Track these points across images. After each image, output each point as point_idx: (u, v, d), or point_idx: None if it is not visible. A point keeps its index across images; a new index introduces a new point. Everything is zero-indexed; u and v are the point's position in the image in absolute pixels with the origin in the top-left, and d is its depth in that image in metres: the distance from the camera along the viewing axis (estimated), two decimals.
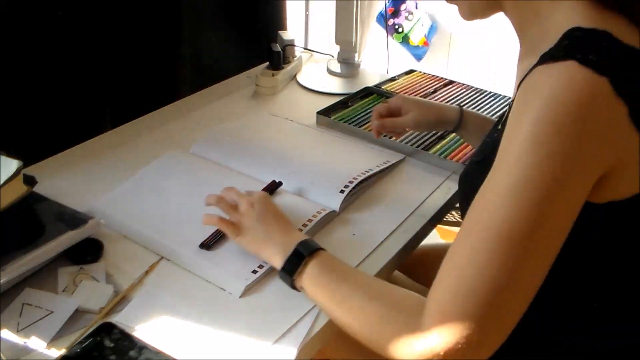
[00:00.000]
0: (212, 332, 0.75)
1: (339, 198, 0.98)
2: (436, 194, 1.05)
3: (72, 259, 0.84)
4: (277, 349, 0.73)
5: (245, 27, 1.61)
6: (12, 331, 0.73)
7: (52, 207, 0.88)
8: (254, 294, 0.81)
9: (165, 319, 0.76)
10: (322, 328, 0.77)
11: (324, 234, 0.93)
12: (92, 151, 1.12)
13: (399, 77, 1.52)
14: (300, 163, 1.07)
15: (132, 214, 0.94)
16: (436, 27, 2.53)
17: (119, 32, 1.25)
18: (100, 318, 0.76)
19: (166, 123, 1.24)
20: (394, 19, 2.51)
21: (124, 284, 0.81)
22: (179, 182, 1.02)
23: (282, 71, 1.43)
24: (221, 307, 0.79)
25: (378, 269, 0.87)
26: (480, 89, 1.46)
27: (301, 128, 1.25)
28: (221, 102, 1.36)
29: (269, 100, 1.39)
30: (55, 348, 0.71)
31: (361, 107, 1.34)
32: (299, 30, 2.01)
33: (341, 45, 1.50)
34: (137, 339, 0.72)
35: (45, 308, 0.76)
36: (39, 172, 0.90)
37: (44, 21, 1.10)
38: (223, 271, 0.83)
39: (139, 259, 0.86)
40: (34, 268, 0.80)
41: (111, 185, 1.01)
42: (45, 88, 1.14)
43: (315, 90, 1.44)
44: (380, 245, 0.92)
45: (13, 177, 0.78)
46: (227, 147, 1.12)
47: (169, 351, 0.71)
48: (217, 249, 0.87)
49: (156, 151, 1.10)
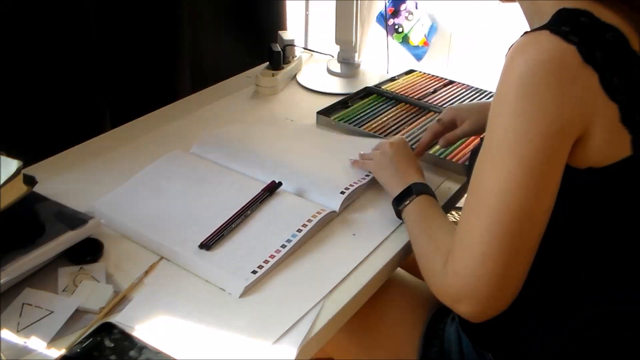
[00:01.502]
0: (212, 332, 0.75)
1: (339, 198, 0.98)
2: (436, 193, 1.05)
3: (72, 259, 0.84)
4: (277, 349, 0.73)
5: (245, 27, 1.61)
6: (12, 331, 0.73)
7: (52, 207, 0.88)
8: (254, 294, 0.81)
9: (165, 319, 0.76)
10: (322, 328, 0.77)
11: (324, 234, 0.93)
12: (92, 151, 1.12)
13: (398, 77, 1.52)
14: (300, 163, 1.07)
15: (132, 214, 0.94)
16: (436, 27, 2.53)
17: (119, 32, 1.26)
18: (100, 318, 0.76)
19: (166, 123, 1.24)
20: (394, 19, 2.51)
21: (124, 284, 0.81)
22: (179, 182, 1.02)
23: (282, 71, 1.43)
24: (221, 307, 0.79)
25: (378, 269, 0.87)
26: (480, 89, 1.46)
27: (301, 128, 1.25)
28: (221, 102, 1.36)
29: (269, 100, 1.39)
30: (55, 348, 0.71)
31: (361, 107, 1.34)
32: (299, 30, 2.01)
33: (341, 45, 1.50)
34: (137, 339, 0.72)
35: (45, 308, 0.76)
36: (39, 172, 0.90)
37: (44, 21, 1.10)
38: (223, 271, 0.84)
39: (139, 259, 0.86)
40: (34, 268, 0.80)
41: (111, 185, 1.01)
42: (45, 88, 1.14)
43: (315, 90, 1.44)
44: (380, 245, 0.92)
45: (13, 177, 0.78)
46: (227, 147, 1.12)
47: (169, 351, 0.71)
48: (217, 249, 0.87)
49: (156, 151, 1.10)
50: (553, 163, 0.68)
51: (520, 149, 0.67)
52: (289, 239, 0.89)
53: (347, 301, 0.81)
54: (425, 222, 0.86)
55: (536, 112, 0.66)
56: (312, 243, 0.91)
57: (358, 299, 0.84)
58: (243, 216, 0.93)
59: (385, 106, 1.35)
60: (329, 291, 0.82)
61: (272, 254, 0.86)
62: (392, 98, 1.39)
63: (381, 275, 0.88)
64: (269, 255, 0.86)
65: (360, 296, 0.84)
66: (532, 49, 0.67)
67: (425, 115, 1.32)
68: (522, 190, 0.67)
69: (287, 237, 0.89)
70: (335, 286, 0.83)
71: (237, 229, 0.91)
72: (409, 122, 1.29)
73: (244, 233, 0.91)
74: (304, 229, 0.90)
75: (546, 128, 0.66)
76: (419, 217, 0.88)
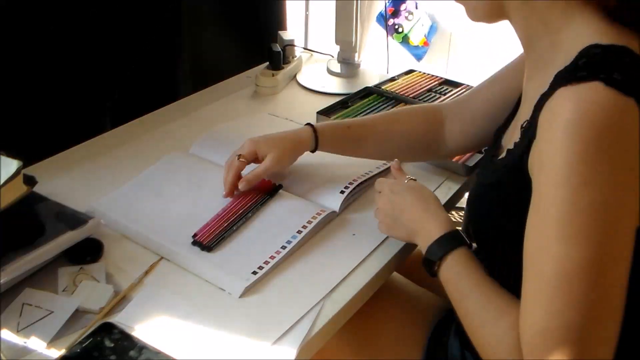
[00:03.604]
0: (212, 332, 0.75)
1: (339, 199, 0.98)
2: (436, 194, 1.05)
3: (72, 259, 0.84)
4: (276, 349, 0.73)
5: (245, 27, 1.61)
6: (12, 331, 0.73)
7: (52, 207, 0.88)
8: (254, 294, 0.81)
9: (165, 319, 0.76)
10: (322, 328, 0.77)
11: (324, 234, 0.93)
12: (92, 151, 1.12)
13: (398, 77, 1.52)
14: (300, 164, 1.07)
15: (132, 214, 0.94)
16: (436, 27, 2.53)
17: (119, 32, 1.25)
18: (100, 318, 0.76)
19: (166, 123, 1.24)
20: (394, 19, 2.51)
21: (124, 284, 0.81)
22: (179, 183, 1.02)
23: (282, 71, 1.43)
24: (221, 307, 0.79)
25: (378, 269, 0.87)
26: None
27: None
28: (221, 102, 1.36)
29: (269, 100, 1.39)
30: (55, 348, 0.71)
31: (361, 107, 1.34)
32: (299, 30, 2.01)
33: (341, 45, 1.50)
34: (137, 339, 0.72)
35: (45, 308, 0.76)
36: (39, 172, 0.90)
37: (44, 21, 1.10)
38: (223, 272, 0.84)
39: (139, 259, 0.86)
40: (34, 268, 0.80)
41: (111, 185, 1.01)
42: (46, 88, 1.14)
43: (315, 90, 1.44)
44: (380, 245, 0.92)
45: (13, 177, 0.78)
46: (227, 147, 1.11)
47: (169, 351, 0.71)
48: (217, 250, 0.87)
49: (156, 151, 1.10)
50: (629, 226, 0.62)
51: (601, 219, 0.60)
52: (289, 240, 0.89)
53: (346, 301, 0.81)
54: (475, 284, 0.75)
55: (613, 178, 0.60)
56: (312, 243, 0.91)
57: (358, 300, 0.84)
58: (244, 219, 0.93)
59: (385, 106, 1.35)
60: (329, 291, 0.82)
61: (273, 255, 0.86)
62: (392, 98, 1.39)
63: (381, 275, 0.88)
64: (269, 257, 0.86)
65: (360, 296, 0.84)
66: (593, 110, 0.60)
67: None
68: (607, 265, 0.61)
69: (288, 238, 0.89)
70: (335, 286, 0.83)
71: (238, 231, 0.91)
72: None
73: (245, 235, 0.91)
74: (304, 230, 0.90)
75: (623, 194, 0.61)
76: (458, 279, 0.77)
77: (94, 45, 1.21)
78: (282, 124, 1.25)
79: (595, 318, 0.61)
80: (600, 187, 0.60)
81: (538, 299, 0.63)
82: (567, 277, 0.61)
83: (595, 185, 0.60)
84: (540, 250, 0.63)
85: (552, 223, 0.62)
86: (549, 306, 0.61)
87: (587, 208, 0.60)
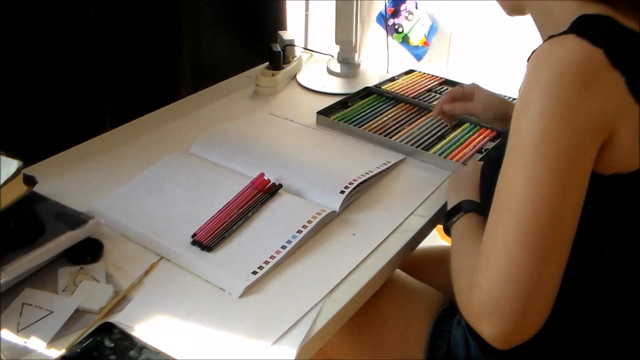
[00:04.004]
0: (212, 332, 0.75)
1: (339, 198, 0.98)
2: (436, 194, 1.05)
3: (72, 259, 0.84)
4: (276, 349, 0.73)
5: (245, 27, 1.61)
6: (12, 331, 0.73)
7: (52, 207, 0.88)
8: (254, 294, 0.81)
9: (165, 319, 0.76)
10: (322, 328, 0.77)
11: (324, 234, 0.93)
12: (92, 151, 1.12)
13: (398, 77, 1.52)
14: (300, 163, 1.07)
15: (132, 214, 0.94)
16: (436, 27, 2.53)
17: (119, 32, 1.25)
18: (100, 318, 0.76)
19: (166, 123, 1.24)
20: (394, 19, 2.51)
21: (124, 284, 0.81)
22: (179, 183, 1.02)
23: (282, 71, 1.43)
24: (221, 307, 0.79)
25: (378, 269, 0.87)
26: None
27: (301, 128, 1.25)
28: (221, 102, 1.36)
29: (269, 100, 1.39)
30: (55, 348, 0.71)
31: (361, 107, 1.34)
32: (299, 30, 2.01)
33: (341, 45, 1.50)
34: (137, 339, 0.72)
35: (45, 308, 0.76)
36: (39, 172, 0.90)
37: (44, 21, 1.10)
38: (223, 272, 0.84)
39: (139, 259, 0.86)
40: (34, 268, 0.80)
41: (111, 185, 1.01)
42: (45, 88, 1.14)
43: (315, 90, 1.44)
44: (380, 245, 0.92)
45: (13, 177, 0.78)
46: (227, 147, 1.12)
47: (169, 351, 0.71)
48: (218, 250, 0.87)
49: (156, 151, 1.10)
50: (579, 166, 0.66)
51: (547, 150, 0.65)
52: (290, 240, 0.89)
53: (347, 301, 0.81)
54: (466, 240, 0.83)
55: (563, 114, 0.65)
56: (312, 243, 0.91)
57: (358, 299, 0.84)
58: (244, 218, 0.93)
59: (385, 106, 1.35)
60: (329, 291, 0.82)
61: (273, 255, 0.86)
62: (392, 98, 1.39)
63: (381, 275, 0.88)
64: (269, 256, 0.86)
65: (360, 296, 0.84)
66: (558, 53, 0.66)
67: (425, 115, 1.32)
68: (548, 192, 0.65)
69: (288, 238, 0.89)
70: (335, 286, 0.83)
71: (238, 231, 0.91)
72: (409, 122, 1.29)
73: (245, 235, 0.91)
74: (304, 230, 0.90)
75: (573, 129, 0.65)
76: (460, 235, 0.86)
77: (94, 45, 1.20)
78: (282, 124, 1.25)
79: (537, 281, 0.66)
80: (560, 126, 0.65)
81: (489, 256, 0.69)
82: (517, 236, 0.66)
83: (548, 117, 0.66)
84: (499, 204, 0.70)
85: (510, 154, 0.69)
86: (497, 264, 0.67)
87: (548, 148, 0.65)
